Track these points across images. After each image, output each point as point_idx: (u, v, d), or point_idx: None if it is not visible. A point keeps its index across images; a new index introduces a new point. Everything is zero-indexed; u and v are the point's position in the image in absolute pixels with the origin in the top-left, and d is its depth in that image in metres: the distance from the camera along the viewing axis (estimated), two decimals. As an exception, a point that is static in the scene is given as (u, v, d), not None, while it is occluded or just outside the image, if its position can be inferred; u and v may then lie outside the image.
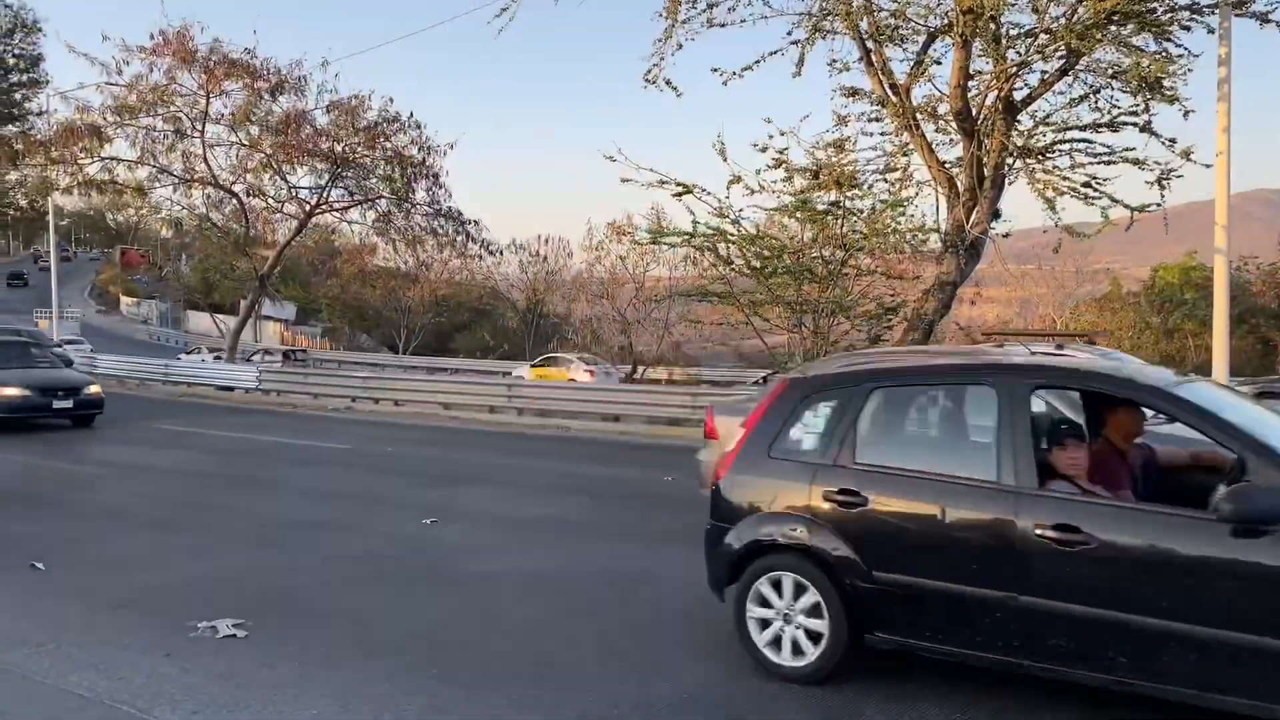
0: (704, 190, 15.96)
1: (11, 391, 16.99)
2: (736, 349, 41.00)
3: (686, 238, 17.28)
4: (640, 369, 35.85)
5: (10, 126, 41.81)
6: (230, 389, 26.28)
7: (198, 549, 8.14)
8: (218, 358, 35.40)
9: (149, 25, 30.62)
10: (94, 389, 18.34)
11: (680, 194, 15.84)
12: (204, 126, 29.01)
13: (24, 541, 8.08)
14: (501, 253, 39.18)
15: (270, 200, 31.73)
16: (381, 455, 14.82)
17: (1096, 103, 13.74)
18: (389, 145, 30.11)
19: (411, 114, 30.24)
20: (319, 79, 29.05)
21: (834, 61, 14.70)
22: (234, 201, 31.70)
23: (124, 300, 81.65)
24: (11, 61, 43.24)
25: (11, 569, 7.12)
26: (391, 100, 30.01)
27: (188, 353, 42.57)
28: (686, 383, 28.31)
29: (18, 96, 43.63)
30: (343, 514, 9.85)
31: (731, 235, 16.55)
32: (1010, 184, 14.48)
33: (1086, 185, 14.04)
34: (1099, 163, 14.01)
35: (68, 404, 17.59)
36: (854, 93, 15.09)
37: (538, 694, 4.76)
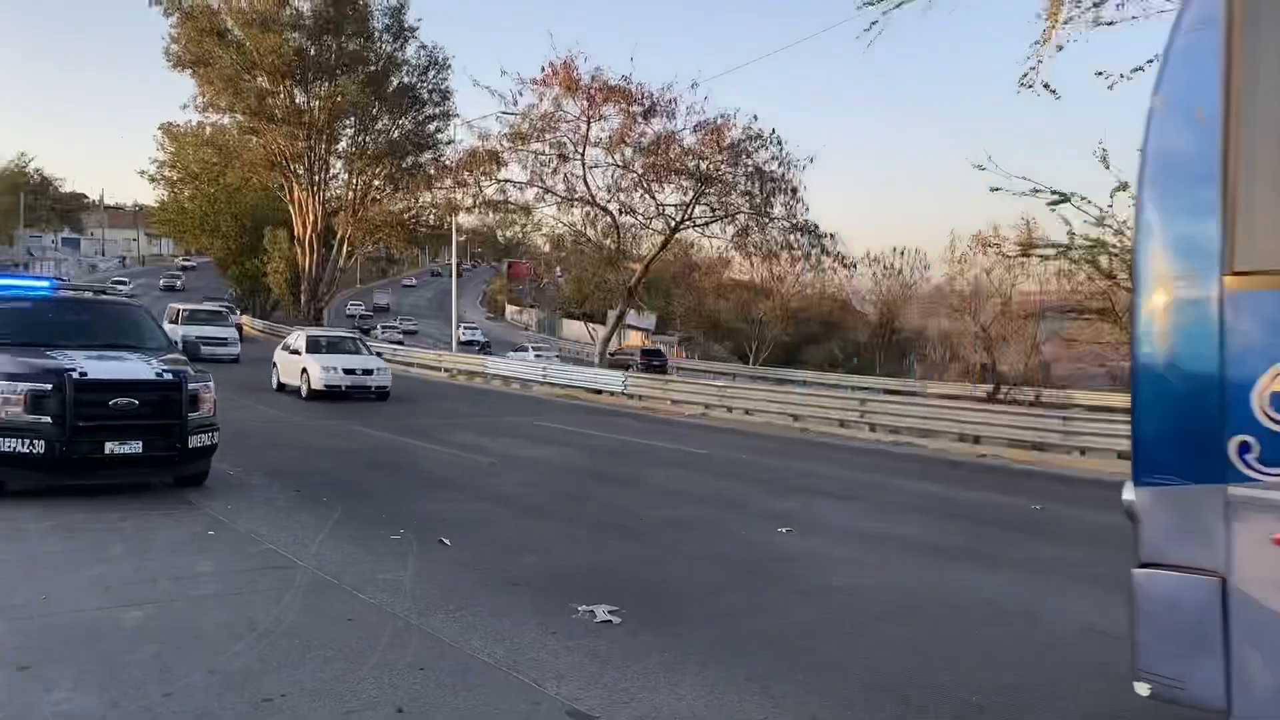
0: (1083, 199, 14.88)
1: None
2: (1111, 371, 37.66)
3: (1062, 250, 16.20)
4: (1004, 389, 33.97)
5: (425, 155, 47.83)
6: (599, 392, 28.21)
7: (573, 537, 8.85)
8: (538, 355, 39.45)
9: (543, 58, 33.61)
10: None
11: (1055, 203, 14.90)
12: (584, 150, 31.44)
13: (436, 519, 9.17)
14: (855, 266, 38.87)
15: (640, 217, 33.72)
16: (736, 462, 15.23)
17: None
18: (750, 162, 30.93)
19: (774, 130, 30.90)
20: (688, 101, 30.51)
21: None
22: (607, 218, 34.06)
23: (509, 308, 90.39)
24: (426, 96, 49.33)
25: (427, 542, 8.12)
26: (755, 118, 30.83)
27: (515, 349, 46.83)
28: (1056, 405, 26.44)
29: (431, 128, 49.68)
30: (702, 515, 10.25)
31: (1114, 247, 15.30)
32: None
33: None
34: None
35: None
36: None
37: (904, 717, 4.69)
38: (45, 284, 12.12)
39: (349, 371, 23.33)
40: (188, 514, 8.93)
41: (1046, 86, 13.96)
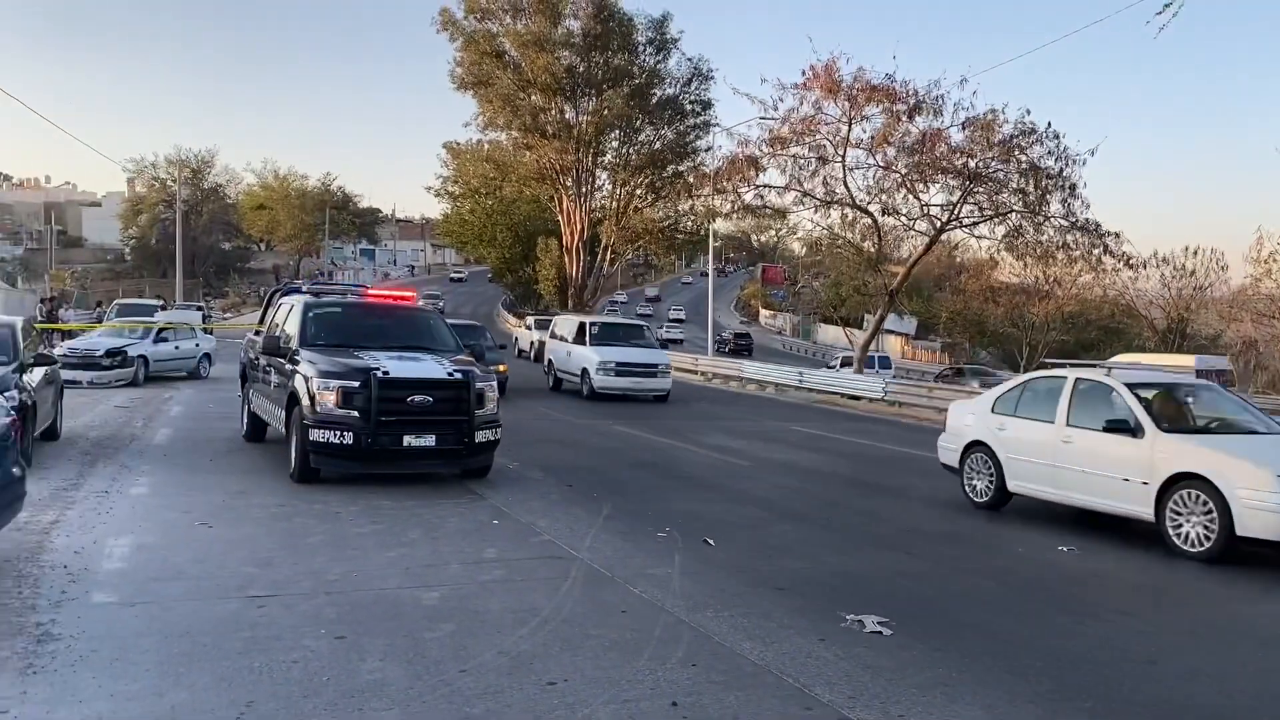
0: None
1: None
2: None
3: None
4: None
5: (686, 163, 48.83)
6: (857, 398, 27.66)
7: (835, 545, 8.74)
8: (845, 365, 37.81)
9: (801, 63, 33.47)
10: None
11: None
12: (845, 151, 30.96)
13: (697, 519, 9.34)
14: (1144, 266, 35.92)
15: (903, 218, 32.78)
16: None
17: None
18: (1024, 158, 29.32)
19: (1049, 124, 29.11)
20: (955, 97, 29.24)
21: None
22: (866, 220, 33.35)
23: (762, 313, 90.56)
24: (689, 107, 50.34)
25: (691, 541, 8.30)
26: (1028, 111, 29.31)
27: (830, 367, 45.93)
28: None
29: (691, 137, 50.66)
30: (974, 528, 9.83)
31: None
32: None
33: None
34: None
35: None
36: None
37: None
38: (353, 291, 13.45)
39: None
40: (473, 504, 9.59)
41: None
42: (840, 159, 31.31)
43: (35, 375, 11.25)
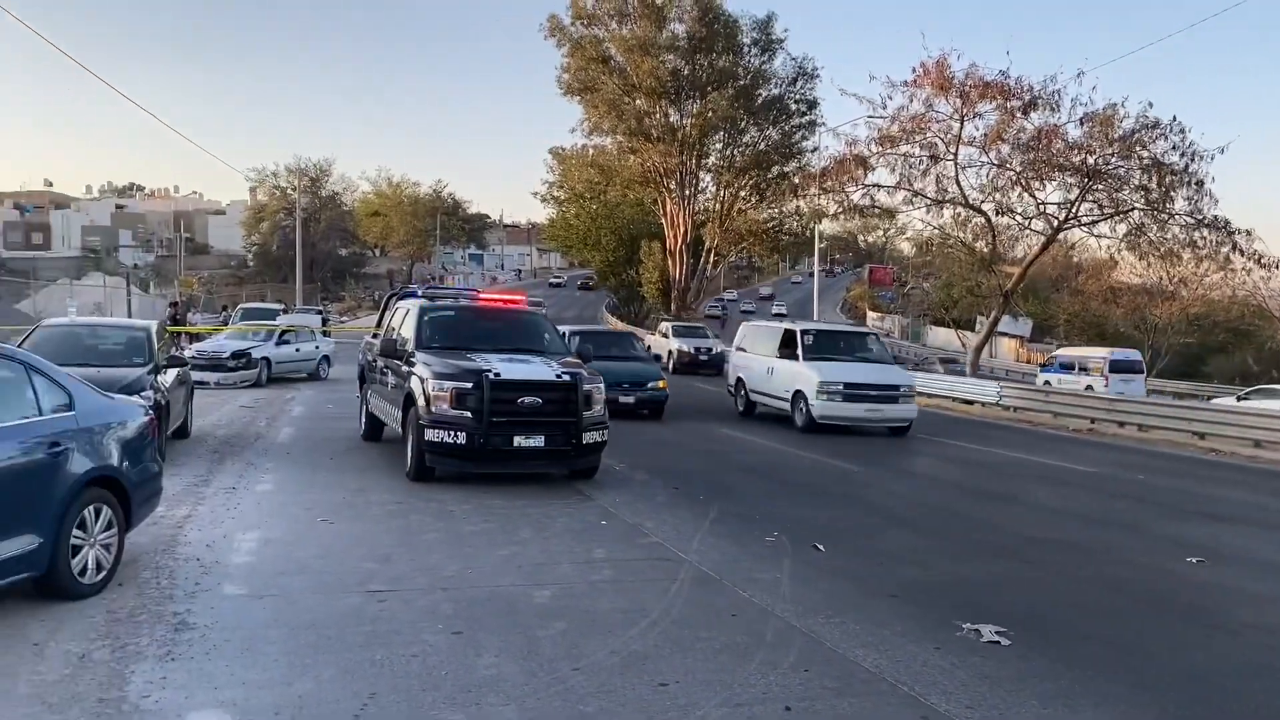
0: None
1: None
2: None
3: None
4: None
5: (791, 164, 48.44)
6: (970, 402, 26.97)
7: (949, 552, 8.54)
8: (954, 370, 36.76)
9: (910, 62, 32.85)
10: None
11: None
12: (957, 149, 30.25)
13: (805, 524, 9.25)
14: (1276, 266, 34.05)
15: (1018, 217, 31.86)
16: (1130, 482, 13.89)
17: None
18: (1146, 154, 28.16)
19: (1174, 118, 27.89)
20: (1073, 92, 28.35)
21: None
22: (979, 220, 32.49)
23: (869, 315, 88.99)
24: (794, 107, 49.92)
25: (800, 546, 8.22)
26: (1150, 105, 28.05)
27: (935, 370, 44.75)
28: None
29: (796, 137, 50.21)
30: (1090, 537, 9.48)
31: None
32: None
33: None
34: None
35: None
36: None
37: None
38: (465, 295, 13.76)
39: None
40: (581, 504, 9.70)
41: None
42: (952, 157, 30.62)
43: (168, 376, 11.83)
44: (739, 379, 20.52)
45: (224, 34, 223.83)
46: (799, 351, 18.10)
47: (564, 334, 16.57)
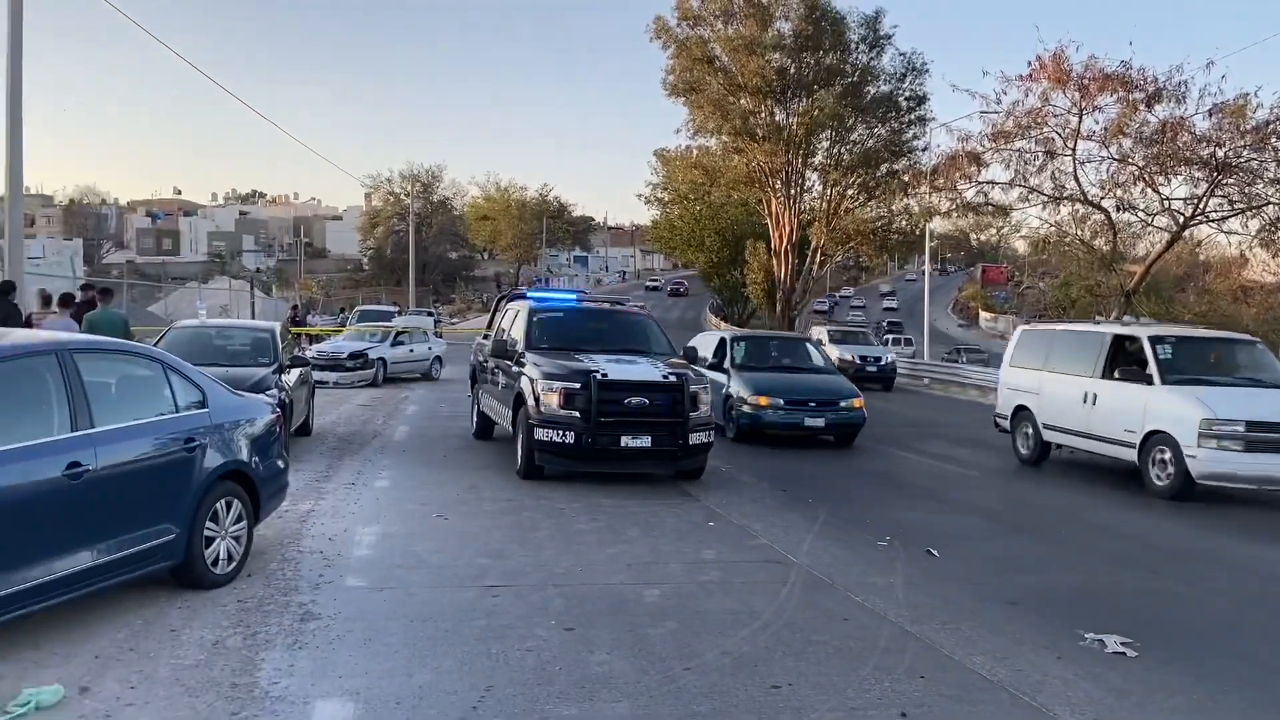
0: None
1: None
2: None
3: None
4: None
5: (901, 162, 47.49)
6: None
7: (1068, 559, 8.26)
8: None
9: (1025, 56, 31.91)
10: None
11: None
12: (1075, 144, 29.20)
13: (918, 528, 9.06)
14: None
15: (1140, 214, 30.56)
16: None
17: None
18: (1282, 145, 26.67)
19: (1315, 106, 26.31)
20: (1201, 82, 26.94)
21: None
22: (1098, 216, 31.28)
23: (982, 315, 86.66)
24: (903, 103, 48.89)
25: (913, 550, 8.06)
26: (1289, 92, 26.54)
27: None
28: None
29: (907, 135, 49.18)
30: (1223, 547, 9.04)
31: None
32: None
33: None
34: None
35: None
36: None
37: None
38: (572, 297, 13.93)
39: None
40: (688, 505, 9.71)
41: None
42: (1070, 152, 29.54)
43: (292, 375, 12.31)
44: (1018, 407, 14.77)
45: (341, 47, 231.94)
46: (1153, 371, 11.89)
47: (726, 342, 16.27)
